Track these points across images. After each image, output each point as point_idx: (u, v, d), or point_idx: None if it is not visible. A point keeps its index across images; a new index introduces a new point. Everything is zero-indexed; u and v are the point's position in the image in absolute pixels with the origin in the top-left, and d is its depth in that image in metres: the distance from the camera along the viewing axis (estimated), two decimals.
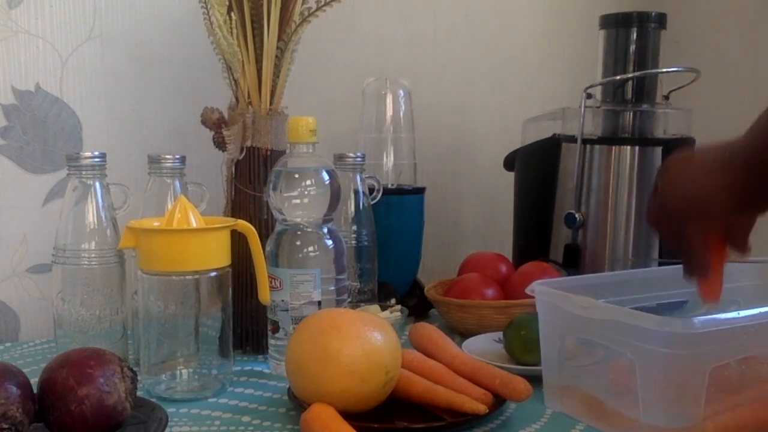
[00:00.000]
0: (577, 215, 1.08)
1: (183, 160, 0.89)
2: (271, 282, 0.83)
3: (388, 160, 1.13)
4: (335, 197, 0.85)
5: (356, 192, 1.02)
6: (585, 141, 1.09)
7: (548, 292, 0.73)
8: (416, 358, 0.77)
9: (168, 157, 0.88)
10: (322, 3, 0.91)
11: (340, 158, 1.01)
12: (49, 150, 1.03)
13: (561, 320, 0.73)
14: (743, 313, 0.63)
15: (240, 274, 0.88)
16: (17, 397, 0.60)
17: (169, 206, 0.84)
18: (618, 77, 1.11)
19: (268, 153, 0.91)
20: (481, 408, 0.68)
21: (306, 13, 0.91)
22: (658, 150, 1.07)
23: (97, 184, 0.83)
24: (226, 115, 0.92)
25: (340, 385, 0.68)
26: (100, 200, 0.83)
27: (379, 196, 1.05)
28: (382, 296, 1.04)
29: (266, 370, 0.87)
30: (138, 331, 0.82)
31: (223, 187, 0.94)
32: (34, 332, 1.03)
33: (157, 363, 0.80)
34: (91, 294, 0.82)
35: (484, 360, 0.79)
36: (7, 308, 1.03)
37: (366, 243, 1.02)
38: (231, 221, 0.81)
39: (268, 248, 0.85)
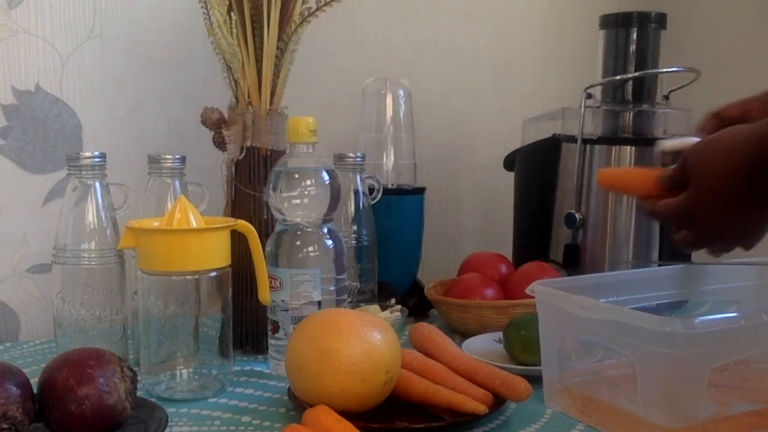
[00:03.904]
0: (577, 215, 1.08)
1: (183, 160, 0.89)
2: (271, 282, 0.83)
3: (388, 160, 1.13)
4: (335, 197, 0.85)
5: (356, 192, 1.02)
6: (585, 141, 1.09)
7: (548, 292, 0.73)
8: (416, 358, 0.77)
9: (168, 157, 0.88)
10: (322, 3, 0.91)
11: (340, 158, 1.01)
12: (49, 150, 1.03)
13: (561, 320, 0.73)
14: (743, 313, 0.63)
15: (240, 274, 0.88)
16: (17, 397, 0.60)
17: (169, 206, 0.84)
18: (618, 77, 1.11)
19: (268, 153, 0.91)
20: (481, 408, 0.68)
21: (306, 13, 0.91)
22: None
23: (97, 184, 0.83)
24: (226, 115, 0.92)
25: (340, 385, 0.68)
26: (100, 200, 0.83)
27: (379, 196, 1.05)
28: (382, 296, 1.04)
29: (266, 370, 0.87)
30: (138, 331, 0.82)
31: (223, 187, 0.94)
32: (34, 332, 1.03)
33: (157, 363, 0.80)
34: (91, 294, 0.82)
35: (484, 360, 0.79)
36: (7, 308, 1.03)
37: (366, 243, 1.02)
38: (231, 221, 0.81)
39: (268, 248, 0.85)
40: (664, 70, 1.11)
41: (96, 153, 0.83)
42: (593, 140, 1.09)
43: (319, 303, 0.83)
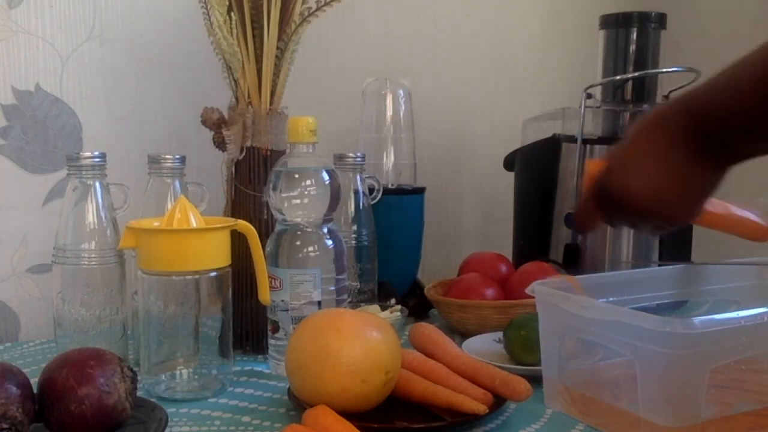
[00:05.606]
0: None
1: (183, 160, 0.89)
2: (271, 282, 0.83)
3: (388, 160, 1.13)
4: (335, 197, 0.85)
5: (356, 192, 1.02)
6: (585, 141, 1.09)
7: (548, 292, 0.73)
8: (416, 358, 0.77)
9: (168, 157, 0.88)
10: (322, 3, 0.91)
11: (340, 158, 1.01)
12: (49, 150, 1.03)
13: (561, 320, 0.73)
14: (743, 313, 0.63)
15: (240, 274, 0.88)
16: (17, 397, 0.60)
17: (169, 206, 0.84)
18: (618, 77, 1.11)
19: (268, 153, 0.91)
20: (481, 408, 0.68)
21: (306, 13, 0.91)
22: None
23: (97, 184, 0.83)
24: (226, 115, 0.92)
25: (340, 385, 0.68)
26: (100, 200, 0.83)
27: (379, 196, 1.05)
28: (382, 296, 1.04)
29: (266, 370, 0.87)
30: (138, 331, 0.82)
31: (223, 187, 0.94)
32: (34, 332, 1.03)
33: (157, 363, 0.80)
34: (91, 294, 0.82)
35: (484, 360, 0.79)
36: (7, 308, 1.03)
37: (366, 243, 1.02)
38: (231, 221, 0.81)
39: (268, 248, 0.85)
40: (664, 70, 1.11)
41: (96, 153, 0.83)
42: (593, 140, 1.09)
43: (319, 303, 0.83)
